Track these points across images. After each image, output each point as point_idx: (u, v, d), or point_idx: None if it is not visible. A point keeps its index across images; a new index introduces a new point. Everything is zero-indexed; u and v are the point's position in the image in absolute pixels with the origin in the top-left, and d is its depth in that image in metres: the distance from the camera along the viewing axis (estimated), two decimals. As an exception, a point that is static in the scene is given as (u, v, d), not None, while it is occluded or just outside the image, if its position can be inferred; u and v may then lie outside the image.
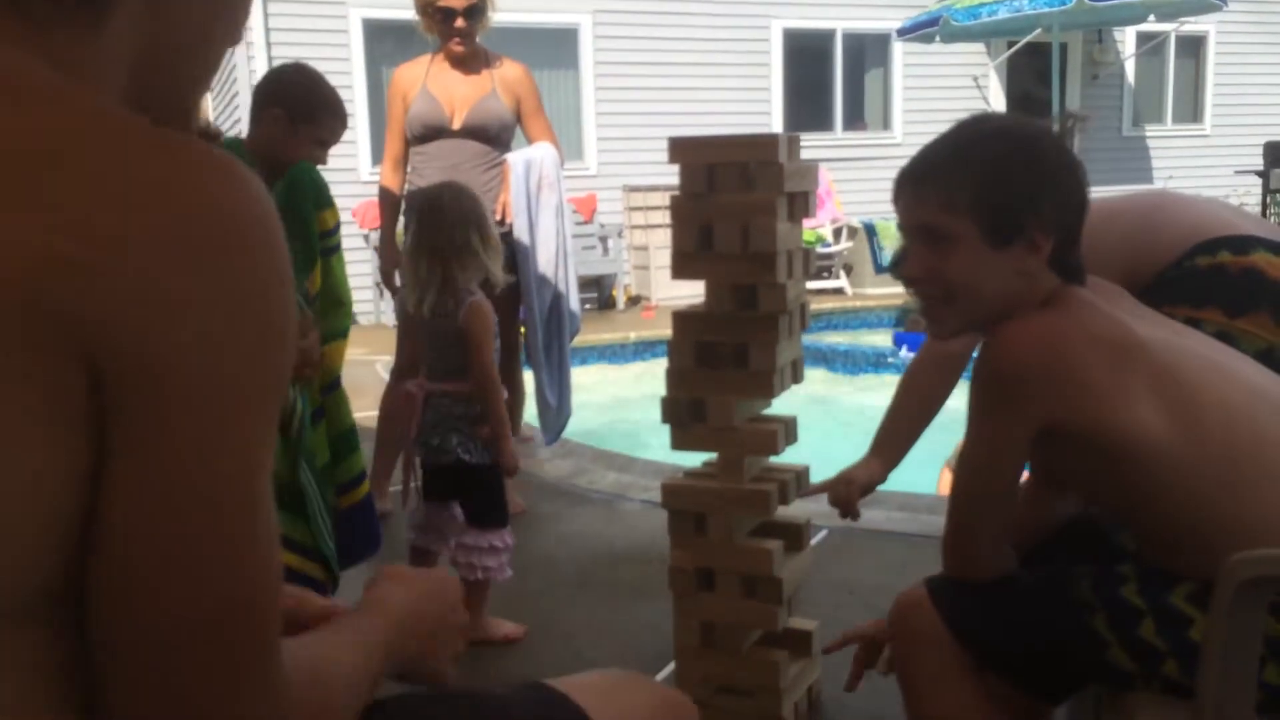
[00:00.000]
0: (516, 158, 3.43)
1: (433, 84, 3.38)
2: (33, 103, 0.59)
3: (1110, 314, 1.37)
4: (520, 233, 3.45)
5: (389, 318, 7.95)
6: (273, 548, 0.63)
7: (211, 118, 9.11)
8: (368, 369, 5.91)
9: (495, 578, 2.54)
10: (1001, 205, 1.34)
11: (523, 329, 3.62)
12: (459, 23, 3.27)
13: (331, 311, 2.64)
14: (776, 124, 10.10)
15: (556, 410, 3.68)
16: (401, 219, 3.51)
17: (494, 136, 3.40)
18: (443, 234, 2.50)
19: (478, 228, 2.53)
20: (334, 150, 2.57)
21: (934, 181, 1.37)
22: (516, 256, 3.40)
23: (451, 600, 0.94)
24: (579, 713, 0.88)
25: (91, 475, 0.58)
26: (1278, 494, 1.29)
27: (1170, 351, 1.36)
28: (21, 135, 0.57)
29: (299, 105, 2.43)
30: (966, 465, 1.42)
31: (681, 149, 1.95)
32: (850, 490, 1.97)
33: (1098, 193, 1.50)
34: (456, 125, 3.35)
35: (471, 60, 3.39)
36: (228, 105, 8.94)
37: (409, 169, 3.48)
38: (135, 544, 0.58)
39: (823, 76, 10.66)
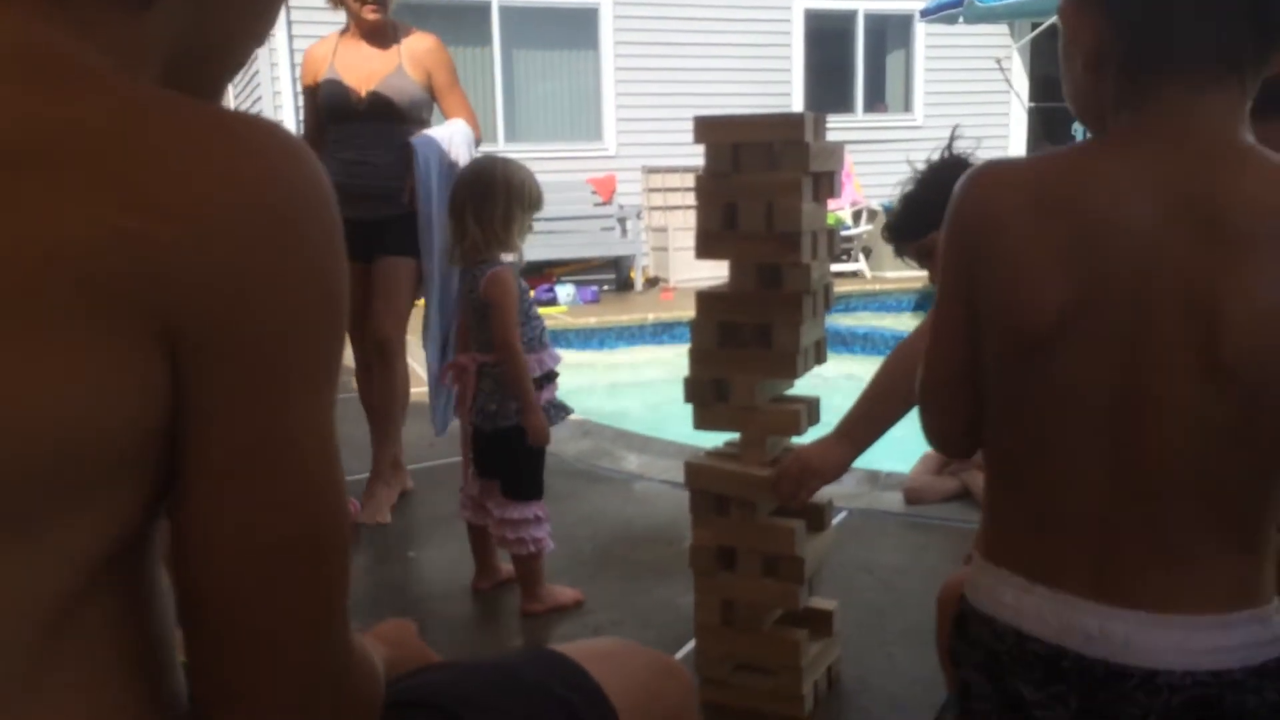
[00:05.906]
0: (421, 138, 3.20)
1: (339, 63, 3.24)
2: (88, 87, 0.60)
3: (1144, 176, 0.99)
4: (426, 215, 3.19)
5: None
6: (344, 491, 0.67)
7: (233, 105, 9.13)
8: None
9: (545, 549, 2.59)
10: None
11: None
12: None
13: None
14: (797, 105, 10.04)
15: (446, 401, 3.24)
16: None
17: (403, 114, 3.22)
18: (458, 200, 2.57)
19: (505, 200, 2.53)
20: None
21: None
22: (420, 237, 3.20)
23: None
24: (583, 673, 0.93)
25: (169, 434, 0.61)
26: None
27: None
28: (85, 119, 0.58)
29: None
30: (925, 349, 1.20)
31: (707, 128, 1.94)
32: (807, 480, 1.92)
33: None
34: (362, 106, 3.21)
35: (378, 34, 3.22)
36: (249, 90, 8.97)
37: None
38: (228, 482, 0.61)
39: (844, 58, 10.59)
